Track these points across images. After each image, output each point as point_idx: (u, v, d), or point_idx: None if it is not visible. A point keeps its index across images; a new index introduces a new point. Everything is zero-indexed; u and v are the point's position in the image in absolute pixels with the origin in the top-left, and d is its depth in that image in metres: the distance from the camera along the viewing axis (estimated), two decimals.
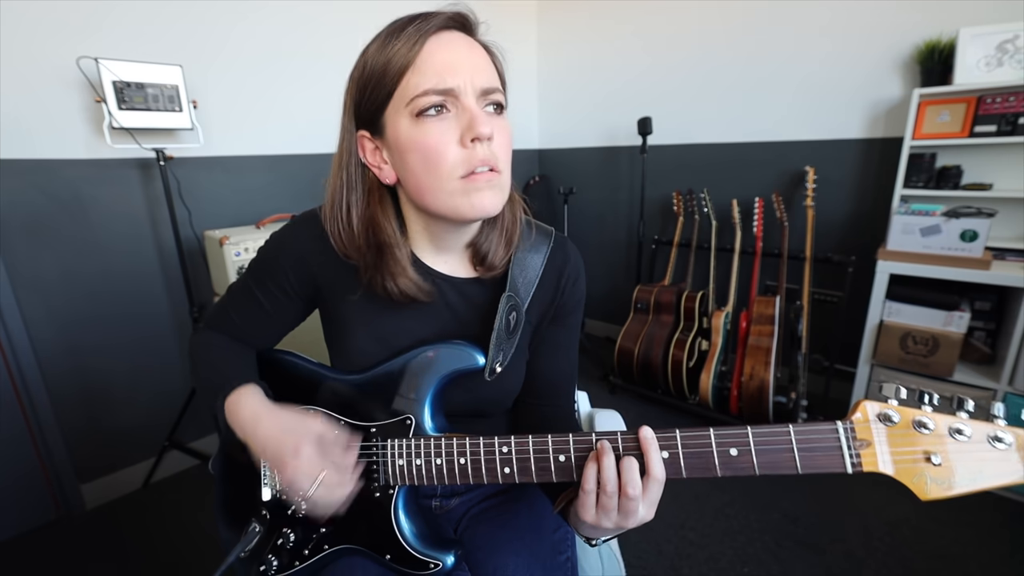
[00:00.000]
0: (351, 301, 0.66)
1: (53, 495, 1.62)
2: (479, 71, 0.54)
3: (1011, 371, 1.58)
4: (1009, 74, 1.63)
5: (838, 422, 0.46)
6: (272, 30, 1.87)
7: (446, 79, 0.52)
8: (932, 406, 0.44)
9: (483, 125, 0.52)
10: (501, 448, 0.56)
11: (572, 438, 0.54)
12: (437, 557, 0.61)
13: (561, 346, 0.73)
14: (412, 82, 0.52)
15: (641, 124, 2.37)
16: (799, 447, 0.47)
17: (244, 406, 0.61)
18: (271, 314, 0.69)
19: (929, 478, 0.42)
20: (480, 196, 0.55)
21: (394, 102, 0.54)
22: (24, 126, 1.43)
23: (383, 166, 0.59)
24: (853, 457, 0.45)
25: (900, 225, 1.71)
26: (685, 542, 1.50)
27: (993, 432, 0.41)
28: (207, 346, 0.71)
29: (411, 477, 0.60)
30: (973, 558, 1.41)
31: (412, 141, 0.54)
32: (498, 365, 0.63)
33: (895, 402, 0.45)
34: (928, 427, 0.43)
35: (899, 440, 0.44)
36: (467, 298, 0.68)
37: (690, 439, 0.50)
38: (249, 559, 0.66)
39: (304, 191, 2.07)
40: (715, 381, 2.10)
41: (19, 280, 1.48)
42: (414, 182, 0.57)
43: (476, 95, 0.54)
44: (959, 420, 0.42)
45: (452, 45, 0.53)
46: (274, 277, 0.66)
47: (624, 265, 2.94)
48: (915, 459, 0.43)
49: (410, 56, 0.52)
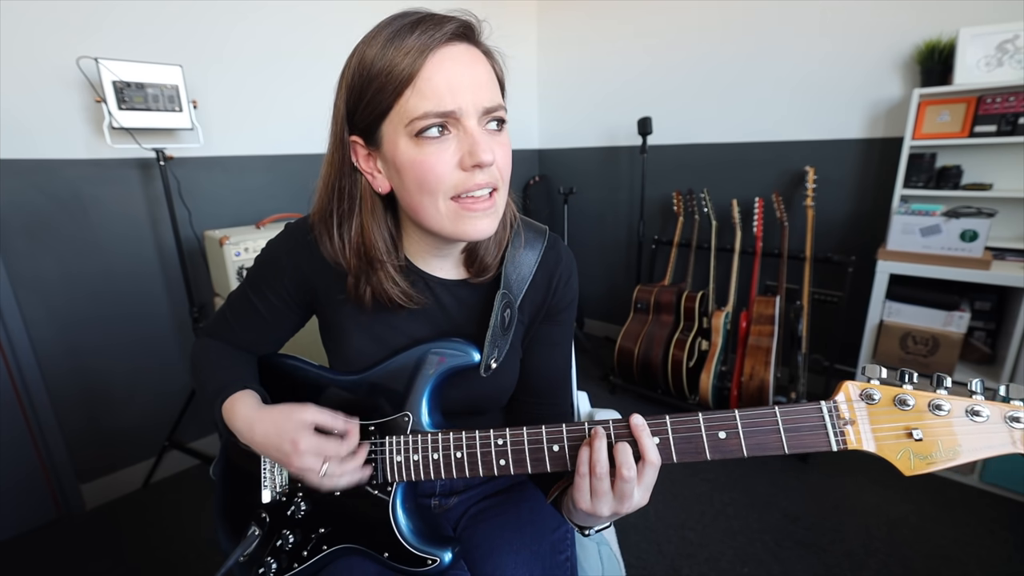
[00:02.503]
0: (344, 303, 0.66)
1: (53, 495, 1.62)
2: (482, 89, 0.52)
3: (1011, 371, 1.58)
4: (1009, 74, 1.63)
5: (822, 402, 0.48)
6: (272, 30, 1.87)
7: (447, 101, 0.50)
8: (912, 384, 0.45)
9: (485, 152, 0.51)
10: (497, 440, 0.57)
11: (566, 428, 0.56)
12: (434, 553, 0.62)
13: (555, 343, 0.74)
14: (412, 103, 0.50)
15: (641, 124, 2.37)
16: (785, 427, 0.48)
17: (238, 414, 0.62)
18: (269, 322, 0.70)
19: (912, 453, 0.44)
20: (474, 223, 0.55)
21: (392, 118, 0.52)
22: (24, 126, 1.43)
23: (376, 175, 0.58)
24: (837, 435, 0.47)
25: (900, 225, 1.71)
26: (685, 542, 1.50)
27: (971, 406, 0.43)
28: (206, 352, 0.71)
29: (409, 473, 0.61)
30: (973, 558, 1.41)
31: (411, 161, 0.52)
32: (493, 361, 0.64)
33: (876, 381, 0.46)
34: (908, 403, 0.44)
35: (881, 417, 0.45)
36: (461, 300, 0.68)
37: (680, 424, 0.52)
38: (248, 562, 0.67)
39: (304, 191, 2.07)
40: (715, 381, 2.10)
41: (19, 280, 1.48)
42: (409, 199, 0.56)
43: (478, 115, 0.52)
44: (938, 396, 0.44)
45: (456, 62, 0.51)
46: (271, 285, 0.67)
47: (624, 265, 2.94)
48: (897, 435, 0.45)
49: (411, 71, 0.49)
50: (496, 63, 0.57)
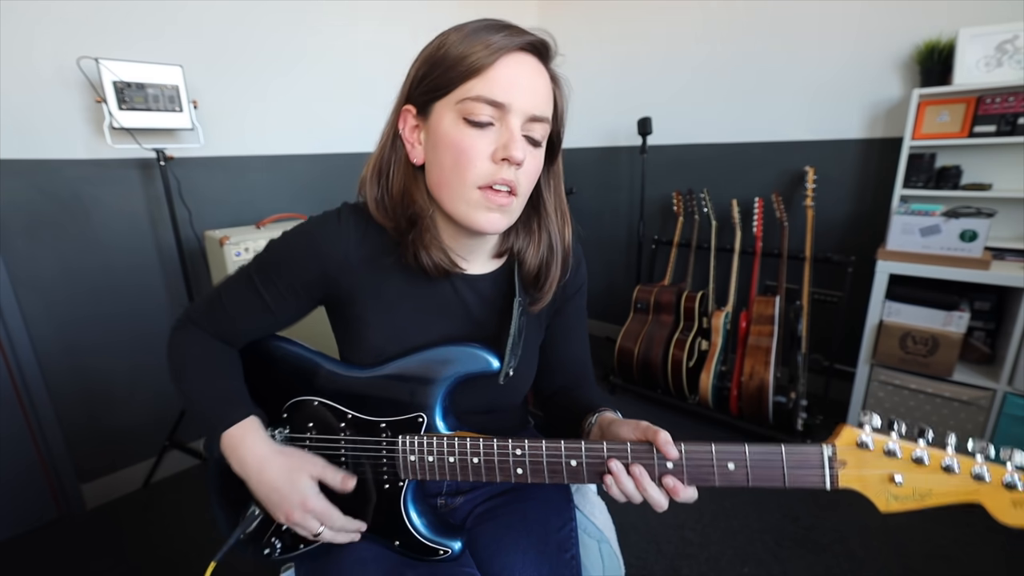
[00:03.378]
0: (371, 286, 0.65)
1: (53, 495, 1.62)
2: (537, 96, 0.56)
3: (1010, 371, 1.58)
4: (1008, 74, 1.63)
5: (824, 445, 0.52)
6: (272, 30, 1.87)
7: (502, 94, 0.54)
8: (899, 434, 0.51)
9: (518, 150, 0.55)
10: (515, 451, 0.58)
11: (584, 445, 0.56)
12: (446, 544, 0.63)
13: (572, 328, 0.77)
14: (473, 86, 0.54)
15: (641, 124, 2.37)
16: (788, 465, 0.52)
17: (249, 449, 0.60)
18: (272, 311, 0.65)
19: (889, 495, 0.51)
20: (489, 216, 0.58)
21: (450, 96, 0.55)
22: (24, 126, 1.43)
23: (416, 146, 0.60)
24: (832, 475, 0.52)
25: (900, 225, 1.71)
26: (685, 542, 1.50)
27: (946, 461, 0.50)
28: (190, 349, 0.67)
29: (423, 472, 0.62)
30: (973, 558, 1.41)
31: (450, 138, 0.56)
32: (511, 370, 0.64)
33: (870, 428, 0.52)
34: (896, 454, 0.51)
35: (872, 463, 0.51)
36: (481, 295, 0.69)
37: (693, 453, 0.54)
38: (250, 541, 0.67)
39: (304, 191, 2.07)
40: (715, 381, 2.10)
41: (19, 280, 1.48)
42: (438, 175, 0.58)
43: (523, 119, 0.56)
44: (920, 448, 0.51)
45: (523, 67, 0.55)
46: (282, 275, 0.63)
47: (624, 265, 2.94)
48: (882, 479, 0.51)
49: (485, 63, 0.53)
50: (559, 89, 0.61)
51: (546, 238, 0.67)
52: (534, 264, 0.67)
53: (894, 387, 1.80)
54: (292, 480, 0.60)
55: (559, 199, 0.68)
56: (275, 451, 0.62)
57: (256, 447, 0.61)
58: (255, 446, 0.61)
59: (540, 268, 0.67)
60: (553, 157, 0.66)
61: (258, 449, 0.61)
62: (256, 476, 0.60)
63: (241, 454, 0.61)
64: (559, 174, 0.68)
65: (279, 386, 0.68)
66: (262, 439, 0.62)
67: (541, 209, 0.67)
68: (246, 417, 0.62)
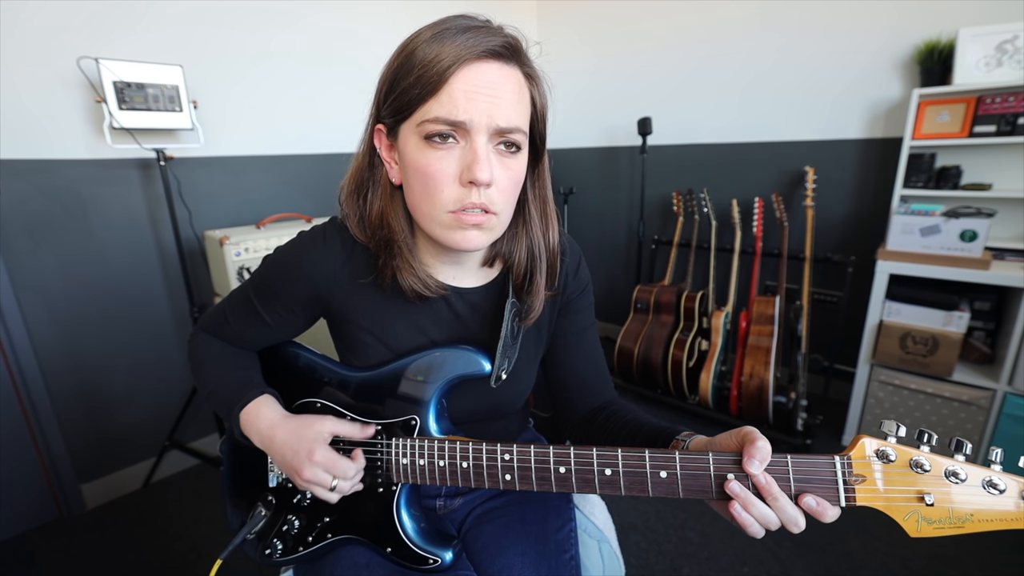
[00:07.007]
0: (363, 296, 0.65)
1: (53, 495, 1.62)
2: (503, 107, 0.51)
3: (1010, 371, 1.58)
4: (1008, 74, 1.63)
5: (836, 457, 0.46)
6: (272, 31, 1.87)
7: (460, 111, 0.50)
8: (930, 446, 0.44)
9: (483, 171, 0.51)
10: (503, 455, 0.57)
11: (573, 451, 0.54)
12: (436, 553, 0.63)
13: (580, 331, 0.74)
14: (431, 107, 0.51)
15: (641, 124, 2.37)
16: (795, 478, 0.47)
17: (262, 417, 0.63)
18: (274, 329, 0.68)
19: (920, 516, 0.43)
20: (466, 234, 0.55)
21: (411, 119, 0.53)
22: (24, 126, 1.43)
23: (394, 165, 0.58)
24: (848, 491, 0.46)
25: (900, 225, 1.71)
26: (685, 542, 1.50)
27: (989, 477, 0.42)
28: (208, 349, 0.71)
29: (414, 476, 0.61)
30: (973, 558, 1.41)
31: (417, 163, 0.53)
32: (503, 372, 0.64)
33: (894, 439, 0.45)
34: (925, 468, 0.43)
35: (895, 479, 0.44)
36: (474, 307, 0.68)
37: (688, 462, 0.50)
38: (257, 540, 0.69)
39: (304, 191, 2.07)
40: (715, 381, 2.10)
41: (19, 280, 1.48)
42: (411, 198, 0.57)
43: (489, 133, 0.52)
44: (956, 463, 0.43)
45: (484, 76, 0.51)
46: (279, 296, 0.65)
47: (624, 265, 2.94)
48: (908, 498, 0.44)
49: (440, 80, 0.50)
50: (537, 88, 0.57)
51: (527, 243, 0.64)
52: (520, 271, 0.65)
53: (894, 387, 1.80)
54: (299, 436, 0.60)
55: (543, 202, 0.64)
56: (287, 416, 0.63)
57: (269, 415, 0.63)
58: (268, 415, 0.63)
59: (525, 274, 0.65)
60: (537, 158, 0.62)
61: (271, 416, 0.63)
62: (270, 443, 0.62)
63: (257, 425, 0.63)
64: (544, 175, 0.64)
65: (286, 387, 0.70)
66: (275, 409, 0.64)
67: (525, 213, 0.64)
68: (260, 395, 0.65)
